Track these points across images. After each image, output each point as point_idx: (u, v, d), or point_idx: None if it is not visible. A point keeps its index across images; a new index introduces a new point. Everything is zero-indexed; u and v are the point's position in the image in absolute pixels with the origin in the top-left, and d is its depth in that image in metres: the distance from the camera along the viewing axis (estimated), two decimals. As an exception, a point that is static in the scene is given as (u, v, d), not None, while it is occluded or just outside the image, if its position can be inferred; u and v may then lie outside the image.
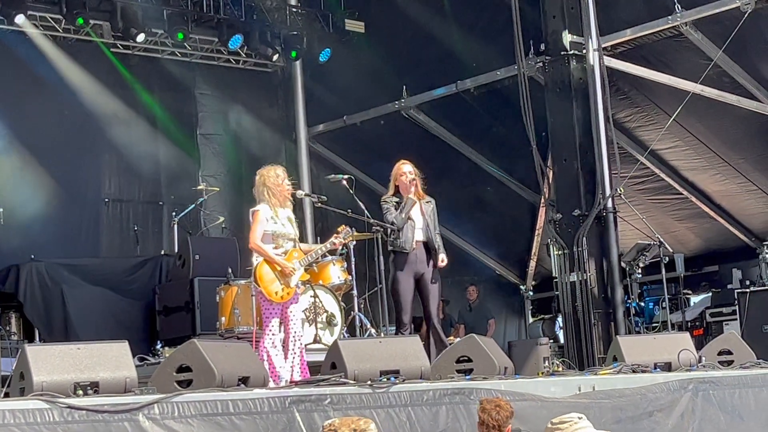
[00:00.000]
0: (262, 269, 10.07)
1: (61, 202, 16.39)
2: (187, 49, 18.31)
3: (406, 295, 11.32)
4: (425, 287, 11.42)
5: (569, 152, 15.37)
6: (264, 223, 10.06)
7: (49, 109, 16.67)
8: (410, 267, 11.33)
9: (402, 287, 11.31)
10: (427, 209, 11.50)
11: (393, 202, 11.43)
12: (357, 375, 8.50)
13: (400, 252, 11.33)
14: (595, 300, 14.92)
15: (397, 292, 11.34)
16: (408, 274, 11.31)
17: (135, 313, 15.42)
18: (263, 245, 10.05)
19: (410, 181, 11.39)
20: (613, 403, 9.58)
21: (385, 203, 11.49)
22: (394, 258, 11.40)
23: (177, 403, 7.18)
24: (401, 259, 11.33)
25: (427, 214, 11.47)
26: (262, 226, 10.06)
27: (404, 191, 11.46)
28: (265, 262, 10.07)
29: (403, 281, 11.31)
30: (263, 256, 10.07)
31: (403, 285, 11.31)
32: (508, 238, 19.89)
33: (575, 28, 15.37)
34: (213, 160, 18.81)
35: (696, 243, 18.76)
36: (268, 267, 10.06)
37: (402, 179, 11.46)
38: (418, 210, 11.45)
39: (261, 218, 10.07)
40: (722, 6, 14.58)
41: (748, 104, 15.66)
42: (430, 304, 11.46)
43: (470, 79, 17.38)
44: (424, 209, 11.47)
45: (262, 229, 10.06)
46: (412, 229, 11.33)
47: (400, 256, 11.34)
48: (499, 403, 7.22)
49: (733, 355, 11.66)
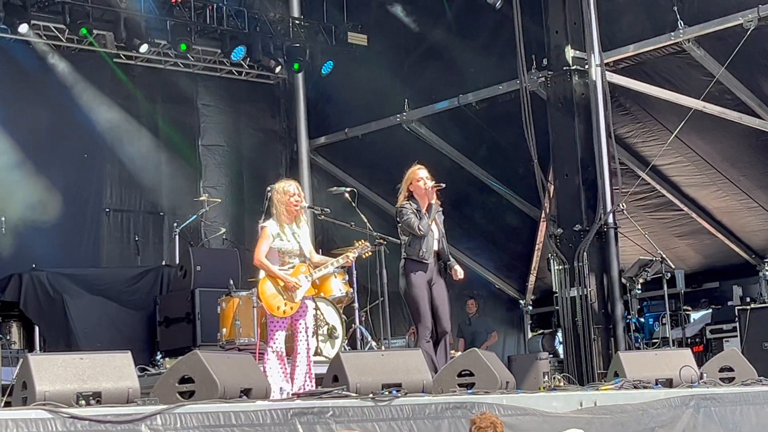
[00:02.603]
0: (264, 285, 10.10)
1: (62, 212, 16.38)
2: (189, 60, 18.36)
3: (424, 298, 10.78)
4: (440, 300, 10.92)
5: (571, 167, 15.40)
6: (269, 239, 10.08)
7: (52, 119, 16.69)
8: (426, 275, 10.84)
9: (418, 291, 10.77)
10: (440, 219, 11.06)
11: (413, 208, 10.84)
12: (359, 388, 8.49)
13: (418, 261, 10.81)
14: (595, 315, 14.93)
15: (416, 298, 10.78)
16: (424, 279, 10.81)
17: (136, 323, 15.41)
18: (266, 261, 10.07)
19: (431, 187, 10.88)
20: (614, 418, 9.57)
21: (404, 209, 10.85)
22: (408, 265, 10.86)
23: (179, 414, 7.17)
24: (417, 267, 10.82)
25: (440, 223, 11.04)
26: (267, 242, 10.08)
27: (421, 197, 10.91)
28: (268, 277, 10.10)
29: (418, 285, 10.77)
30: (266, 271, 10.11)
31: (419, 289, 10.77)
32: (508, 253, 19.89)
33: (578, 43, 15.41)
34: (215, 171, 18.83)
35: (696, 259, 18.76)
36: (271, 283, 10.09)
37: (419, 185, 10.90)
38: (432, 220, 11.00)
39: (267, 234, 10.11)
40: (725, 23, 14.61)
41: (750, 121, 15.68)
42: (444, 318, 10.92)
43: (472, 93, 17.39)
44: (437, 219, 11.02)
45: (267, 245, 10.08)
46: (431, 238, 10.85)
47: (416, 265, 10.82)
48: (494, 420, 7.14)
49: (734, 372, 11.65)
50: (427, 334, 10.85)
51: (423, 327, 10.86)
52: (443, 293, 11.02)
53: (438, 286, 10.97)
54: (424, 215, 10.86)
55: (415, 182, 10.98)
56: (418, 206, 10.92)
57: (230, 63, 18.62)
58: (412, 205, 10.90)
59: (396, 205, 11.10)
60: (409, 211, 10.84)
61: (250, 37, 18.05)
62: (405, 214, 10.85)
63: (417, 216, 10.83)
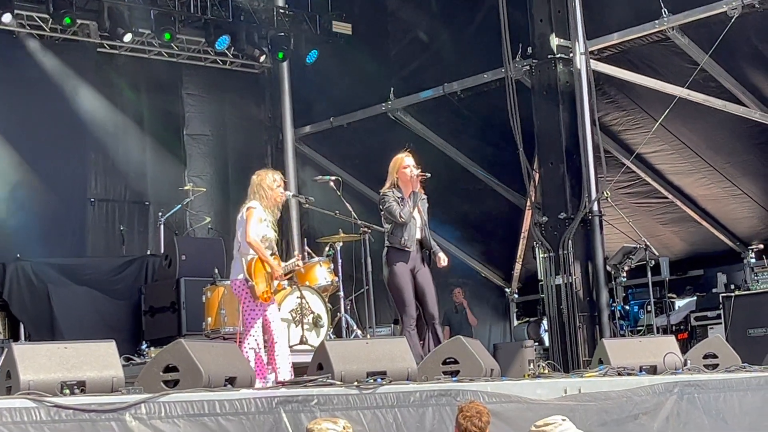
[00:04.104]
0: (258, 265, 10.07)
1: (47, 202, 16.38)
2: (174, 50, 18.32)
3: (408, 287, 10.80)
4: (425, 286, 10.95)
5: (556, 155, 15.42)
6: (257, 221, 10.04)
7: (36, 108, 16.64)
8: (410, 263, 10.86)
9: (403, 280, 10.79)
10: (423, 207, 11.08)
11: (395, 196, 10.88)
12: (344, 376, 8.49)
13: (400, 249, 10.84)
14: (581, 303, 14.97)
15: (399, 286, 10.81)
16: (408, 268, 10.82)
17: (121, 312, 15.39)
18: (261, 245, 10.04)
19: (416, 175, 10.92)
20: (598, 405, 9.59)
21: (386, 196, 10.90)
22: (390, 254, 10.89)
23: (164, 403, 7.16)
24: (400, 255, 10.85)
25: (423, 211, 11.07)
26: (256, 223, 10.03)
27: (406, 185, 10.94)
28: (259, 260, 10.08)
29: (401, 274, 10.79)
30: (258, 253, 10.06)
31: (404, 278, 10.79)
32: (493, 241, 19.91)
33: (562, 31, 15.42)
34: (199, 161, 18.81)
35: (681, 247, 18.82)
36: (261, 265, 10.09)
37: (405, 172, 10.94)
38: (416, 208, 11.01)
39: (256, 216, 10.05)
40: (709, 11, 14.64)
41: (734, 109, 15.72)
42: (431, 304, 10.99)
43: (457, 82, 17.40)
44: (420, 207, 11.04)
45: (257, 225, 10.04)
46: (414, 227, 10.90)
47: (398, 253, 10.85)
48: (480, 409, 7.14)
49: (718, 359, 11.69)
50: (412, 323, 10.87)
51: (407, 316, 10.89)
52: (428, 280, 11.02)
53: (422, 274, 10.98)
54: (406, 202, 10.87)
55: (402, 169, 11.01)
56: (401, 194, 10.93)
57: (215, 52, 18.57)
58: (395, 192, 10.92)
59: (380, 192, 11.11)
60: (390, 198, 10.87)
61: (234, 26, 18.00)
62: (387, 201, 10.88)
63: (398, 204, 10.84)
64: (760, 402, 10.82)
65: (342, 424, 6.53)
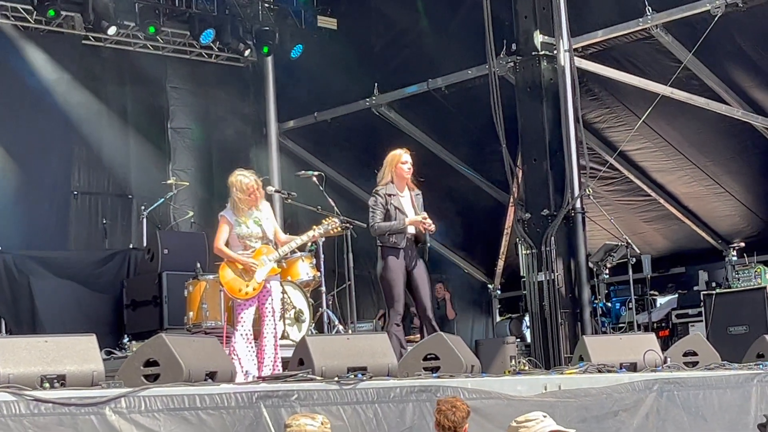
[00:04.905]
0: (224, 270, 10.35)
1: (29, 194, 16.32)
2: (159, 43, 18.26)
3: (399, 282, 10.81)
4: (418, 280, 10.95)
5: (539, 152, 15.42)
6: (226, 228, 10.33)
7: (19, 100, 16.57)
8: (402, 259, 10.88)
9: (394, 275, 10.81)
10: (418, 202, 11.10)
11: (382, 200, 10.89)
12: (324, 371, 8.51)
13: (392, 247, 10.86)
14: (563, 299, 14.98)
15: (390, 281, 10.84)
16: (400, 264, 10.85)
17: (102, 306, 15.38)
18: (224, 248, 10.31)
19: (409, 171, 11.02)
20: (578, 402, 9.62)
21: (374, 201, 10.97)
22: (384, 250, 10.90)
23: (144, 397, 7.17)
24: (393, 251, 10.86)
25: (417, 206, 11.08)
26: (225, 231, 10.34)
27: (401, 180, 11.01)
28: (227, 263, 10.32)
29: (394, 269, 10.81)
30: (225, 257, 10.34)
31: (395, 273, 10.81)
32: (476, 237, 19.94)
33: (546, 28, 15.42)
34: (183, 154, 18.76)
35: (663, 244, 18.87)
36: (229, 268, 10.32)
37: (402, 167, 10.99)
38: (409, 202, 11.06)
39: (224, 224, 10.35)
40: (693, 9, 14.68)
41: (717, 107, 15.78)
42: (424, 297, 10.99)
43: (441, 78, 17.41)
44: (415, 202, 11.08)
45: (225, 234, 10.34)
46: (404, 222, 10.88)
47: (391, 250, 10.86)
48: (455, 403, 7.18)
49: (698, 357, 11.75)
50: (398, 318, 10.89)
51: (394, 312, 10.91)
52: (423, 275, 11.06)
53: (417, 269, 11.01)
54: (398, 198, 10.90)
55: (399, 165, 11.06)
56: (395, 190, 10.98)
57: (199, 46, 18.52)
58: (383, 191, 10.95)
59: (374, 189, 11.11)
60: (376, 202, 10.93)
61: (219, 20, 17.99)
62: (371, 205, 10.97)
63: (383, 209, 10.89)
64: (739, 400, 10.87)
65: (320, 420, 6.55)
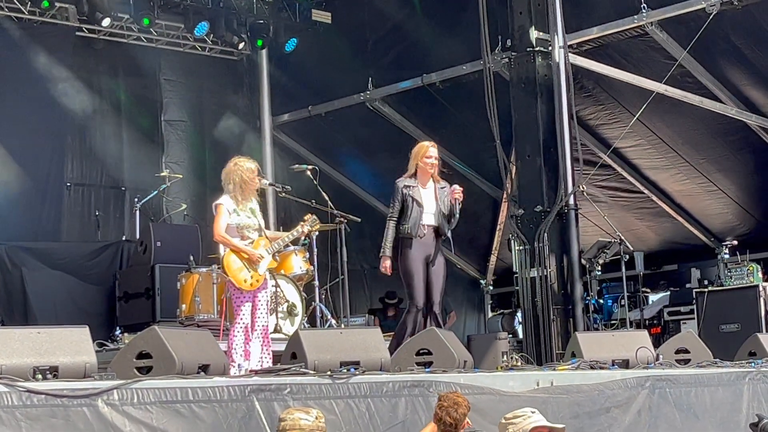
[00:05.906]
0: (229, 259, 10.08)
1: (22, 185, 16.27)
2: (153, 35, 18.22)
3: (418, 275, 10.80)
4: (432, 275, 10.91)
5: (532, 148, 15.42)
6: (226, 215, 10.06)
7: (13, 91, 16.52)
8: (421, 250, 10.87)
9: (414, 266, 10.80)
10: (442, 194, 11.05)
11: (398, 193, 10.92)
12: (317, 365, 8.52)
13: (408, 237, 10.85)
14: (555, 296, 14.99)
15: (409, 272, 10.83)
16: (419, 254, 10.85)
17: (95, 298, 15.38)
18: (227, 236, 10.06)
19: (432, 166, 11.02)
20: (570, 398, 9.64)
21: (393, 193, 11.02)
22: (402, 241, 10.89)
23: (136, 389, 7.16)
24: (410, 242, 10.86)
25: (440, 199, 11.03)
26: (225, 218, 10.05)
27: (424, 174, 11.01)
28: (232, 251, 10.08)
29: (414, 260, 10.81)
30: (228, 246, 10.08)
31: (414, 264, 10.80)
32: (469, 233, 19.89)
33: (542, 24, 15.42)
34: (177, 147, 18.73)
35: (656, 241, 18.88)
36: (235, 256, 10.08)
37: (426, 161, 11.00)
38: (432, 195, 11.02)
39: (223, 211, 10.06)
40: (688, 7, 14.68)
41: (711, 105, 15.79)
42: (435, 292, 10.93)
43: (436, 73, 17.39)
44: (438, 194, 11.04)
45: (225, 221, 10.05)
46: (420, 214, 10.87)
47: (408, 240, 10.86)
48: (457, 400, 7.22)
49: (690, 354, 11.77)
50: (414, 309, 10.87)
51: (413, 301, 10.90)
52: (439, 271, 11.00)
53: (436, 263, 10.98)
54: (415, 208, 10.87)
55: (424, 159, 11.06)
56: (416, 182, 10.97)
57: (193, 38, 18.49)
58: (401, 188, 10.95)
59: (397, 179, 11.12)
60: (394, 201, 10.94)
61: (213, 12, 17.96)
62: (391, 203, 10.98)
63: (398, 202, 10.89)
64: (731, 397, 10.89)
65: (314, 414, 6.56)
